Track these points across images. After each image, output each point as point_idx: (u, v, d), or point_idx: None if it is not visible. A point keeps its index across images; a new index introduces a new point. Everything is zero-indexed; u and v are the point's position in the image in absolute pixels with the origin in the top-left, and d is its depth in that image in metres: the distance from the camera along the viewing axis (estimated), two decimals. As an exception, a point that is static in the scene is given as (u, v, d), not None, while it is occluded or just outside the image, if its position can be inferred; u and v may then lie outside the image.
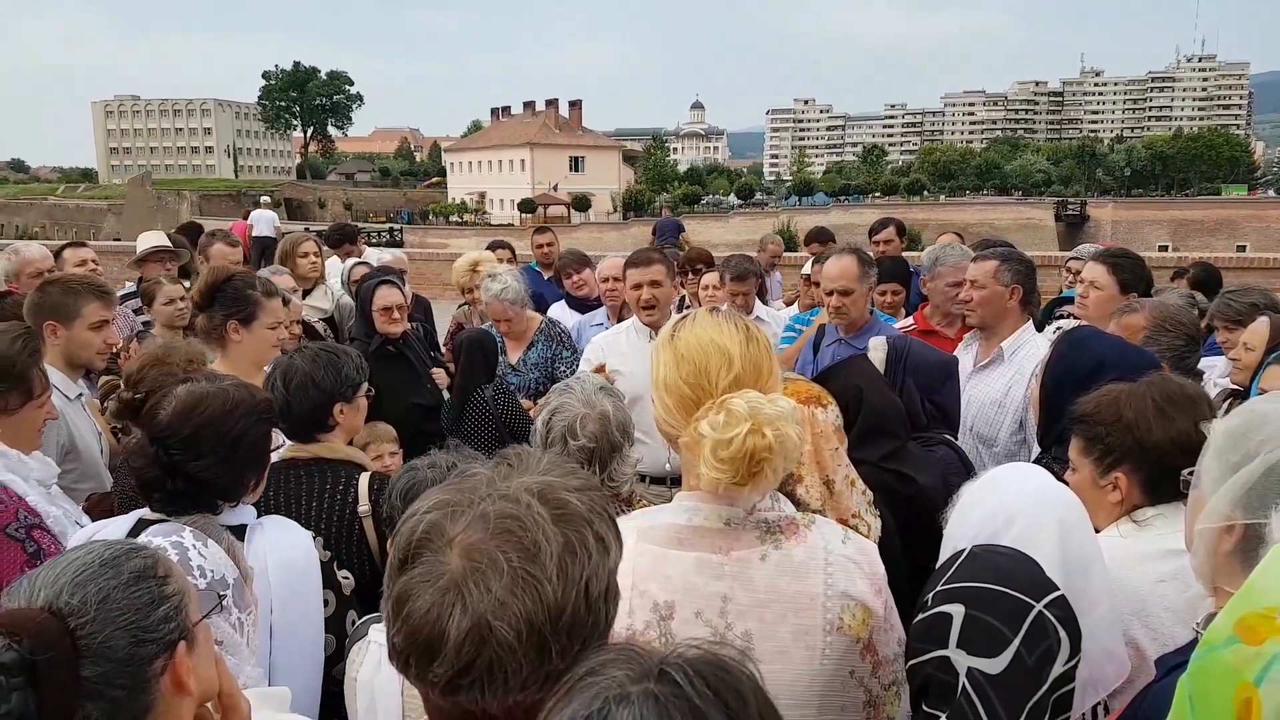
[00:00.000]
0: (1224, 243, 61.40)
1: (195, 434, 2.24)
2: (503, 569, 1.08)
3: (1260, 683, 1.04)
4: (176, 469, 2.24)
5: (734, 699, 0.89)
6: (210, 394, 2.32)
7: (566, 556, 1.10)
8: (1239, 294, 4.27)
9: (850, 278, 4.22)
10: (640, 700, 0.86)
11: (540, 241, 8.36)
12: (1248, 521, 1.51)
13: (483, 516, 1.12)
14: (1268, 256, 16.95)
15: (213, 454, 2.25)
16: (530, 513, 1.12)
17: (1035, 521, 1.84)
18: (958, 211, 73.80)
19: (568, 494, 1.16)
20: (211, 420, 2.26)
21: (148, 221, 32.04)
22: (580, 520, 1.14)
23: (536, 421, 2.66)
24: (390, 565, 1.16)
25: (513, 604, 1.07)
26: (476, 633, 1.07)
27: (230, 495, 2.33)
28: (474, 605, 1.07)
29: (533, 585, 1.08)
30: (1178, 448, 2.13)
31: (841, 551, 1.77)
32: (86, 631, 1.31)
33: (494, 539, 1.10)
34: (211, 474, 2.25)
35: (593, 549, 1.13)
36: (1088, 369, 2.88)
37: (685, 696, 0.87)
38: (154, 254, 6.35)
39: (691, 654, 0.93)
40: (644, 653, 0.93)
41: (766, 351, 1.78)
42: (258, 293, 3.67)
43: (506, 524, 1.11)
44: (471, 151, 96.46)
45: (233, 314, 3.62)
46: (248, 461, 2.33)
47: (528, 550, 1.10)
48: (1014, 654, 1.56)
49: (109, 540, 1.47)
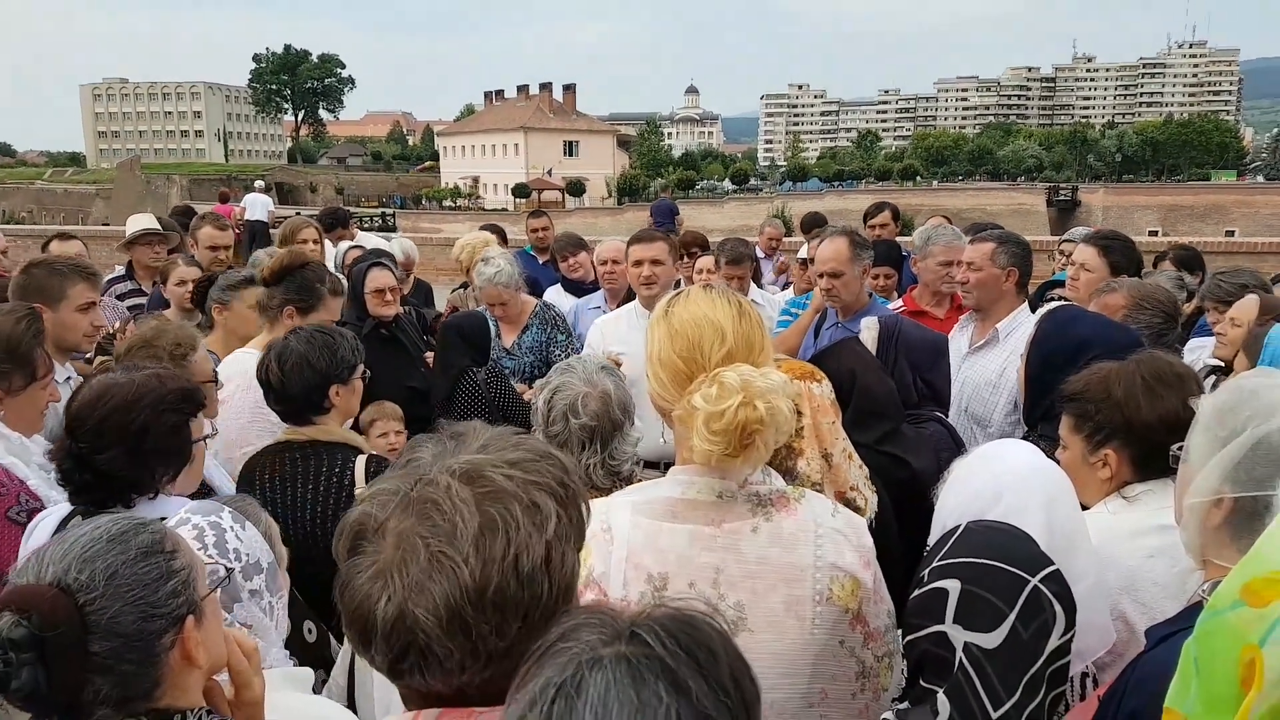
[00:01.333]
0: (1213, 228, 61.46)
1: (100, 425, 2.22)
2: (420, 553, 1.09)
3: (1264, 644, 1.05)
4: (84, 460, 2.22)
5: (705, 656, 0.90)
6: (119, 384, 2.29)
7: (485, 534, 1.09)
8: (1230, 275, 4.30)
9: (842, 260, 4.21)
10: (613, 663, 0.87)
11: (535, 226, 8.35)
12: (1236, 495, 1.53)
13: (406, 502, 1.13)
14: (1256, 241, 17.05)
15: (118, 445, 2.21)
16: (448, 495, 1.12)
17: (1022, 496, 1.87)
18: (951, 197, 73.74)
19: (494, 470, 1.14)
20: (115, 411, 2.23)
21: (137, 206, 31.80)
22: (506, 495, 1.13)
23: (538, 400, 2.67)
24: (338, 555, 1.17)
25: (430, 587, 1.07)
26: (400, 620, 1.08)
27: (141, 487, 2.28)
28: (396, 592, 1.08)
29: (449, 566, 1.08)
30: (1166, 425, 2.16)
31: (831, 524, 1.80)
32: (95, 607, 1.33)
33: (417, 524, 1.11)
34: (117, 465, 2.22)
35: (521, 522, 1.11)
36: (1071, 348, 2.92)
37: (657, 656, 0.88)
38: (143, 237, 6.32)
39: (661, 614, 0.94)
40: (615, 615, 0.94)
41: (759, 327, 1.81)
42: (325, 288, 3.74)
43: (426, 508, 1.12)
44: (464, 135, 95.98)
45: (293, 300, 3.69)
46: (155, 453, 2.27)
47: (445, 532, 1.10)
48: (1010, 628, 1.58)
49: (117, 516, 1.48)
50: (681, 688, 0.87)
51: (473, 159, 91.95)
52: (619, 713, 0.84)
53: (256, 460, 3.02)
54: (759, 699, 0.95)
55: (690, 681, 0.87)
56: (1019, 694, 1.55)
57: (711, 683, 0.89)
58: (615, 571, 1.73)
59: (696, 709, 0.86)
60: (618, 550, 1.74)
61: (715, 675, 0.89)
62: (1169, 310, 3.52)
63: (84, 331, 3.82)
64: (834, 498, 2.34)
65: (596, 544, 1.74)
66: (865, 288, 4.43)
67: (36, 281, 3.75)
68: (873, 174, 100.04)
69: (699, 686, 0.87)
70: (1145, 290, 3.58)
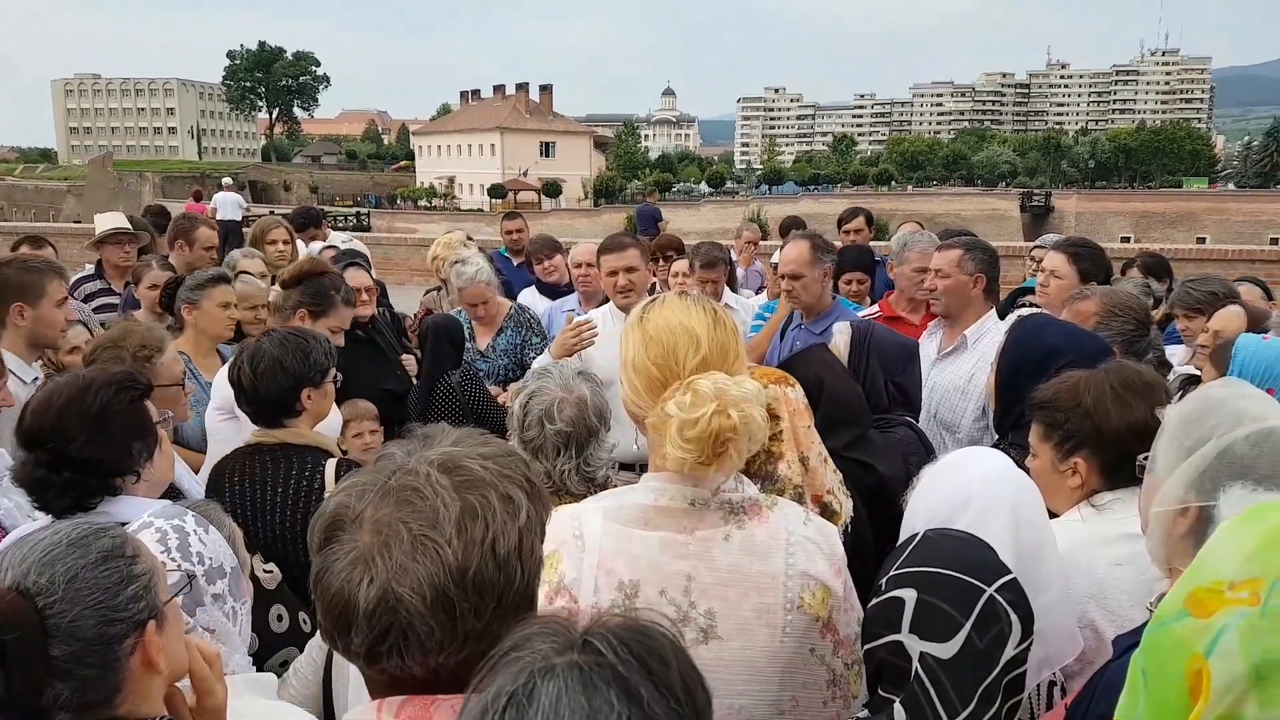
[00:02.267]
0: (1184, 234, 62.30)
1: (59, 420, 2.23)
2: (403, 537, 1.14)
3: (1210, 654, 1.06)
4: (59, 459, 2.21)
5: (656, 663, 0.91)
6: (61, 382, 2.33)
7: (466, 519, 1.15)
8: (1199, 283, 4.35)
9: (802, 262, 4.28)
10: (565, 672, 0.88)
11: (510, 228, 8.30)
12: (1202, 504, 1.54)
13: (386, 492, 1.18)
14: (1227, 248, 17.27)
15: (85, 430, 2.23)
16: (429, 482, 1.17)
17: (989, 505, 1.87)
18: (925, 202, 74.33)
19: (470, 461, 1.21)
20: (70, 401, 2.25)
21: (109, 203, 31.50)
22: (483, 484, 1.19)
23: (513, 405, 2.66)
24: (311, 548, 1.21)
25: (414, 568, 1.12)
26: (384, 601, 1.12)
27: (122, 467, 2.30)
28: (379, 574, 1.13)
29: (433, 548, 1.13)
30: (1135, 433, 2.18)
31: (802, 532, 1.80)
32: (55, 611, 1.32)
33: (397, 511, 1.16)
34: (93, 450, 2.24)
35: (497, 509, 1.17)
36: (1041, 355, 2.94)
37: (609, 664, 0.89)
38: (112, 236, 6.26)
39: (614, 622, 0.95)
40: (568, 624, 0.96)
41: (733, 335, 1.81)
42: (338, 296, 3.83)
43: (407, 495, 1.17)
44: (440, 135, 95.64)
45: (307, 304, 3.77)
46: (125, 430, 2.30)
47: (427, 517, 1.15)
48: (965, 638, 1.57)
49: (77, 521, 1.47)
50: (633, 695, 0.88)
51: (448, 159, 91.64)
52: None
53: (226, 462, 3.00)
54: (710, 705, 0.96)
55: (642, 689, 0.88)
56: (975, 704, 1.55)
57: (663, 690, 0.90)
58: (586, 578, 1.72)
59: (648, 715, 0.87)
60: (589, 557, 1.73)
61: (667, 682, 0.90)
62: (1141, 318, 3.56)
63: (61, 327, 3.82)
64: (811, 501, 2.35)
65: (568, 550, 1.74)
66: (828, 291, 4.48)
67: (15, 280, 3.72)
68: (848, 178, 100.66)
69: (650, 694, 0.88)
70: (1118, 298, 3.62)
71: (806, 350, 3.18)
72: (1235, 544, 1.14)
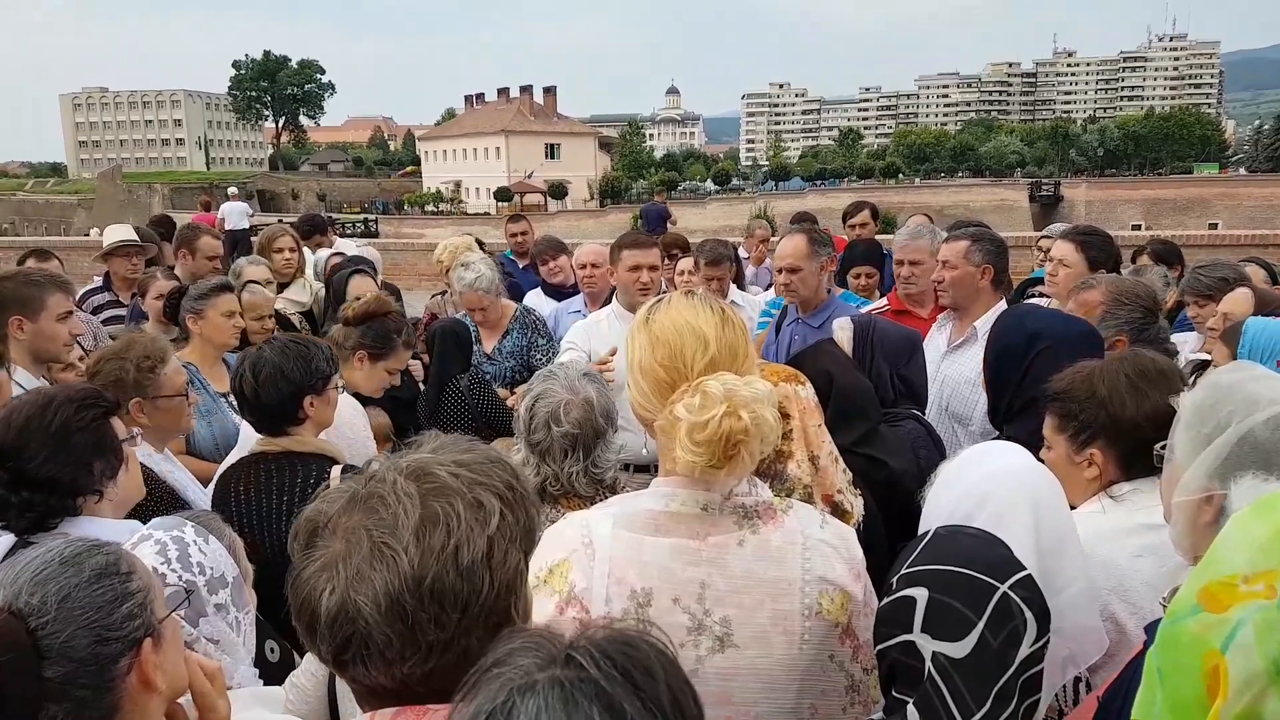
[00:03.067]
0: (1196, 221, 61.95)
1: (19, 437, 2.20)
2: (363, 544, 1.14)
3: (1226, 649, 1.03)
4: (19, 477, 2.19)
5: (643, 677, 0.89)
6: (24, 400, 2.32)
7: (426, 526, 1.14)
8: (1209, 269, 4.29)
9: (799, 255, 4.29)
10: (546, 688, 0.86)
11: (515, 230, 8.29)
12: (1225, 491, 1.52)
13: (354, 499, 1.19)
14: (1239, 234, 17.13)
15: (44, 446, 2.20)
16: (394, 489, 1.17)
17: (1008, 500, 1.83)
18: (933, 194, 74.12)
19: (439, 468, 1.19)
20: (29, 419, 2.22)
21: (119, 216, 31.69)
22: (450, 491, 1.17)
23: (520, 408, 2.63)
24: (292, 552, 1.21)
25: (370, 575, 1.12)
26: (344, 609, 1.12)
27: (81, 486, 2.26)
28: (339, 583, 1.13)
29: (390, 556, 1.12)
30: (1152, 422, 2.15)
31: (819, 536, 1.76)
32: (48, 631, 1.29)
33: (365, 518, 1.16)
34: (52, 468, 2.20)
35: (463, 516, 1.16)
36: (1022, 343, 2.94)
37: (592, 680, 0.87)
38: (120, 248, 6.27)
39: (600, 635, 0.93)
40: (552, 638, 0.93)
41: (742, 335, 1.76)
42: (399, 340, 3.81)
43: (372, 502, 1.17)
44: (446, 140, 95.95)
45: (368, 346, 3.75)
46: (86, 447, 2.27)
47: (388, 524, 1.14)
48: (979, 637, 1.53)
49: (70, 539, 1.44)
50: (616, 711, 0.85)
51: (454, 163, 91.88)
52: None
53: (230, 472, 2.98)
54: (701, 718, 0.93)
55: (625, 704, 0.86)
56: (989, 704, 1.51)
57: (648, 704, 0.87)
58: (598, 587, 1.68)
59: None
60: (599, 565, 1.69)
61: (653, 696, 0.88)
62: (1148, 304, 3.51)
63: (64, 341, 3.80)
64: (821, 501, 2.31)
65: (577, 559, 1.70)
66: (825, 284, 4.48)
67: (13, 293, 3.71)
68: (855, 172, 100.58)
69: (634, 708, 0.86)
70: (1123, 286, 3.58)
71: (815, 346, 3.15)
72: (1247, 536, 1.12)
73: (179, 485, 2.99)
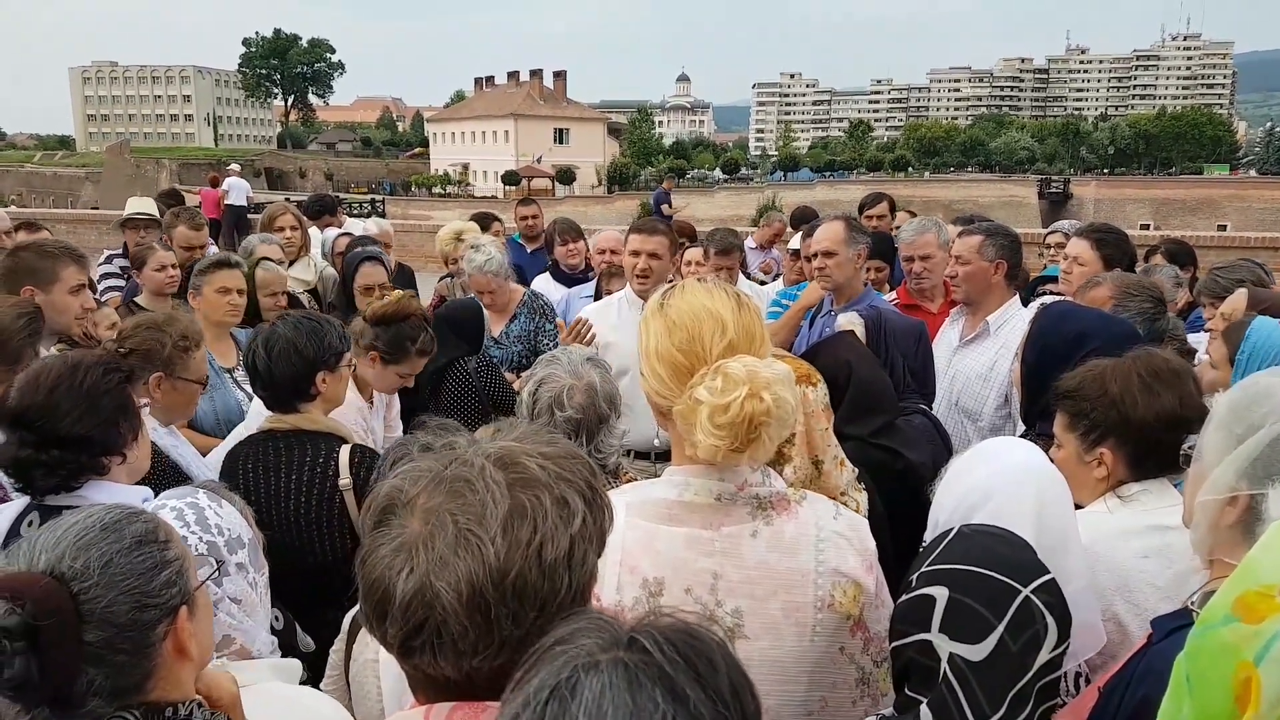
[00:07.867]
0: (1205, 222, 61.70)
1: (49, 397, 2.22)
2: (449, 529, 1.09)
3: (1260, 661, 1.02)
4: (48, 437, 2.20)
5: (705, 666, 0.88)
6: (48, 363, 2.33)
7: (514, 518, 1.10)
8: (1226, 270, 4.25)
9: (835, 240, 4.17)
10: (609, 668, 0.86)
11: (524, 214, 8.25)
12: (1253, 492, 1.50)
13: (439, 481, 1.14)
14: (1248, 236, 17.06)
15: (75, 407, 2.22)
16: (482, 475, 1.13)
17: (1012, 496, 1.82)
18: (942, 188, 73.97)
19: (528, 459, 1.16)
20: (59, 379, 2.24)
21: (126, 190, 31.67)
22: (538, 484, 1.13)
23: (523, 392, 2.63)
24: (363, 528, 1.17)
25: (454, 563, 1.08)
26: (420, 594, 1.08)
27: (111, 446, 2.28)
28: (419, 565, 1.08)
29: (475, 545, 1.08)
30: (1163, 423, 2.13)
31: (833, 528, 1.75)
32: (90, 596, 1.30)
33: (448, 502, 1.11)
34: (83, 427, 2.22)
35: (549, 513, 1.12)
36: (1069, 341, 2.87)
37: (655, 664, 0.87)
38: (129, 221, 6.28)
39: (663, 622, 0.92)
40: (614, 621, 0.93)
41: (758, 318, 1.75)
42: (414, 348, 3.68)
43: (458, 486, 1.12)
44: (454, 122, 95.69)
45: (381, 350, 3.62)
46: (114, 409, 2.29)
47: (475, 511, 1.10)
48: (998, 640, 1.50)
49: (108, 505, 1.45)
50: (679, 695, 0.85)
51: (463, 145, 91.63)
52: (613, 716, 0.82)
53: (240, 449, 2.98)
54: (760, 714, 0.92)
55: (688, 690, 0.86)
56: (1005, 709, 1.49)
57: (710, 692, 0.87)
58: (609, 574, 1.67)
59: (693, 716, 0.84)
60: (612, 553, 1.67)
61: (714, 685, 0.88)
62: (1155, 295, 3.50)
63: (75, 314, 3.77)
64: (824, 502, 2.30)
65: None
66: (860, 275, 4.37)
67: (26, 263, 3.69)
68: (864, 164, 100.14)
69: (696, 695, 0.86)
70: (1129, 280, 3.58)
71: (835, 336, 3.13)
72: None
73: (183, 460, 2.99)
